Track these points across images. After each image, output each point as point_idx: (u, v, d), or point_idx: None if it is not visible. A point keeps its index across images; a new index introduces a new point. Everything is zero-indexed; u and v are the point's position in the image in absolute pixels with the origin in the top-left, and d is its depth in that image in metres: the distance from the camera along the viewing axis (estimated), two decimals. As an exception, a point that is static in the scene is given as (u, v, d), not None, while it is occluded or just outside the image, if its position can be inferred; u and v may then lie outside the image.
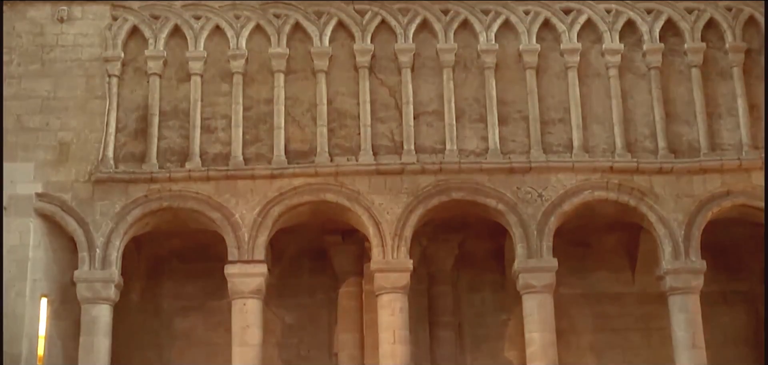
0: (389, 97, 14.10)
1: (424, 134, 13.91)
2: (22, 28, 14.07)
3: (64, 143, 13.58)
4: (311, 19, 14.31)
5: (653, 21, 14.36)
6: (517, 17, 14.38)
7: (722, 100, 14.10)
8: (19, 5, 14.13)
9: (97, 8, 14.30)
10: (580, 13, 14.41)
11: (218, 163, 13.64)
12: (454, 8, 14.36)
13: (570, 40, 14.27)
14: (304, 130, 13.92)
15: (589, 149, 13.80)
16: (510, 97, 14.11)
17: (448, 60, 14.15)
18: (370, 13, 14.35)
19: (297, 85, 14.09)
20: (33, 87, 13.80)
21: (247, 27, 14.28)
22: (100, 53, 14.07)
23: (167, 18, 14.29)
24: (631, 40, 14.34)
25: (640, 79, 14.21)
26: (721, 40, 14.31)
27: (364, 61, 14.14)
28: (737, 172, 13.60)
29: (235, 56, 14.10)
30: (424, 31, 14.35)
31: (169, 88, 14.09)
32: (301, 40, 14.32)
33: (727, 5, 14.45)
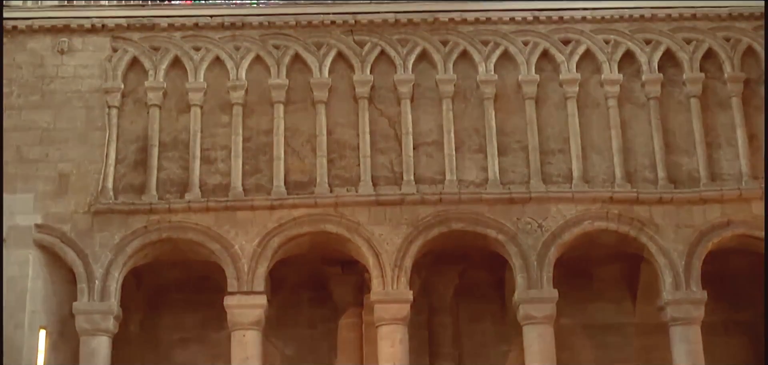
0: (389, 127, 14.11)
1: (423, 165, 13.91)
2: (22, 60, 14.10)
3: (63, 174, 13.57)
4: (311, 50, 14.35)
5: (652, 51, 14.40)
6: (516, 48, 14.42)
7: (721, 130, 14.11)
8: (20, 37, 14.18)
9: (98, 40, 14.33)
10: (578, 44, 14.45)
11: (218, 194, 13.62)
12: (454, 39, 14.41)
13: (569, 70, 14.30)
14: (303, 161, 13.92)
15: (588, 179, 13.80)
16: (509, 127, 14.12)
17: (447, 91, 14.18)
18: (370, 44, 14.39)
19: (297, 116, 14.10)
20: (33, 118, 13.81)
21: (247, 58, 14.31)
22: (100, 84, 14.08)
23: (167, 49, 14.33)
24: (630, 70, 14.38)
25: (640, 109, 14.23)
26: (719, 71, 14.35)
27: (363, 92, 14.16)
28: (737, 202, 13.59)
29: (234, 87, 14.12)
30: (423, 62, 14.39)
31: (169, 119, 14.09)
32: (301, 71, 14.35)
33: (726, 35, 14.50)
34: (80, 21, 14.34)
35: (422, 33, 14.46)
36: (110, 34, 14.38)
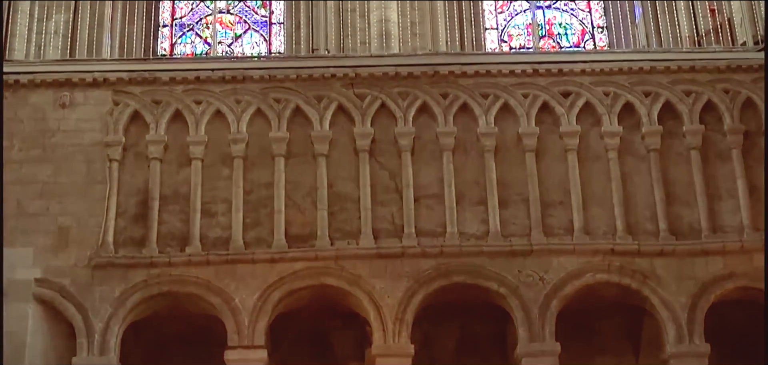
0: (389, 180, 14.10)
1: (424, 217, 13.87)
2: (24, 114, 14.12)
3: (63, 228, 13.52)
4: (311, 103, 14.38)
5: (651, 103, 14.43)
6: (516, 100, 14.45)
7: (722, 181, 14.08)
8: (22, 91, 14.22)
9: (99, 93, 14.36)
10: (578, 96, 14.48)
11: (218, 248, 13.58)
12: (454, 92, 14.45)
13: (569, 122, 14.32)
14: (304, 214, 13.89)
15: (590, 231, 13.76)
16: (510, 179, 14.11)
17: (447, 143, 14.19)
18: (370, 97, 14.43)
19: (297, 169, 14.09)
20: (34, 172, 13.79)
21: (248, 111, 14.34)
22: (102, 138, 14.08)
23: (168, 103, 14.35)
24: (630, 122, 14.39)
25: (640, 161, 14.22)
26: (719, 123, 14.36)
27: (364, 145, 14.18)
28: (739, 254, 13.54)
29: (235, 140, 14.13)
30: (423, 114, 14.41)
31: (170, 172, 14.08)
32: (302, 124, 14.36)
33: (725, 88, 14.52)
34: (82, 75, 14.38)
35: (422, 86, 14.49)
36: (112, 87, 14.41)
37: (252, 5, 19.50)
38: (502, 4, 19.42)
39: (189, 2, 19.55)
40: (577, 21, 19.40)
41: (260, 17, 19.39)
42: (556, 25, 19.28)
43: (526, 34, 19.03)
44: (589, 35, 19.23)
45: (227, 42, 18.98)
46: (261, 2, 19.51)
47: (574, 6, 19.50)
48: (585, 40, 19.19)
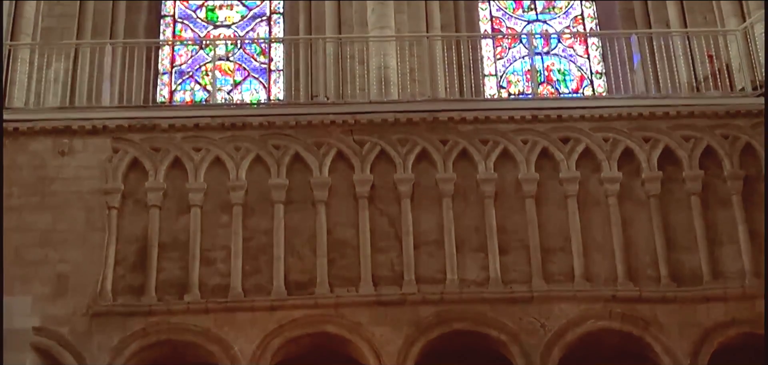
0: (389, 226, 14.06)
1: (424, 264, 13.81)
2: (23, 161, 14.09)
3: (62, 276, 13.44)
4: (311, 150, 14.37)
5: (651, 149, 14.43)
6: (516, 147, 14.45)
7: (723, 227, 14.04)
8: (22, 139, 14.21)
9: (99, 141, 14.35)
10: (578, 142, 14.48)
11: (217, 295, 13.51)
12: (453, 138, 14.45)
13: (569, 168, 14.32)
14: (303, 261, 13.83)
15: (591, 278, 13.71)
16: (510, 225, 14.07)
17: (447, 189, 14.16)
18: (369, 144, 14.43)
19: (297, 216, 14.05)
20: (33, 219, 13.74)
21: (247, 158, 14.32)
22: (101, 185, 14.03)
23: (168, 150, 14.34)
24: (630, 168, 14.38)
25: (640, 207, 14.19)
26: (719, 168, 14.35)
27: (363, 191, 14.15)
28: (741, 300, 13.47)
29: (234, 187, 14.10)
30: (423, 161, 14.40)
31: (169, 219, 14.03)
32: (301, 171, 14.33)
33: (724, 133, 14.52)
34: (81, 122, 14.38)
35: (422, 132, 14.50)
36: (111, 135, 14.40)
37: (251, 52, 19.59)
38: (501, 51, 19.52)
39: (188, 50, 19.63)
40: (576, 67, 19.48)
41: (259, 64, 19.47)
42: (555, 72, 19.37)
43: (524, 81, 19.10)
44: (588, 81, 19.32)
45: (226, 89, 19.04)
46: (260, 49, 19.60)
47: (572, 52, 19.58)
48: (584, 86, 19.27)
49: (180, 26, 20.10)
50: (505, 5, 20.18)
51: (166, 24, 20.09)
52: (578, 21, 20.11)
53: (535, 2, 20.23)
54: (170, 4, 20.33)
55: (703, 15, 18.04)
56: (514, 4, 20.22)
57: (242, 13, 20.21)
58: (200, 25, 20.06)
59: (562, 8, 20.20)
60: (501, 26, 19.95)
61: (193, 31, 19.99)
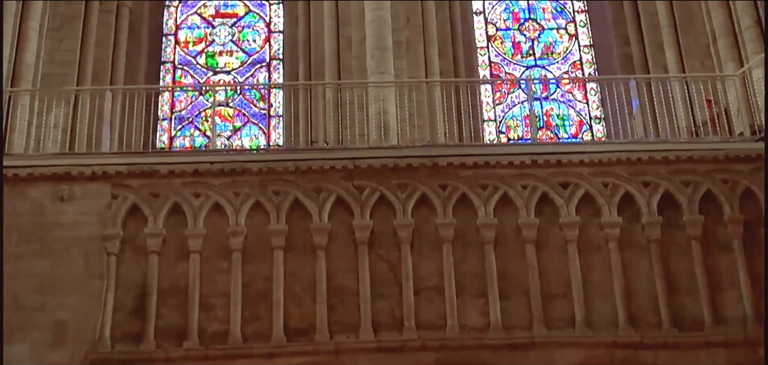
0: (389, 272, 14.01)
1: (424, 310, 13.75)
2: (22, 208, 14.06)
3: (61, 323, 13.37)
4: (310, 195, 14.36)
5: (650, 194, 14.41)
6: (515, 191, 14.44)
7: (724, 272, 13.99)
8: (21, 185, 14.18)
9: (98, 187, 14.33)
10: (577, 187, 14.47)
11: (216, 342, 13.42)
12: (453, 184, 14.44)
13: (569, 213, 14.30)
14: (303, 307, 13.76)
15: (591, 324, 13.64)
16: (510, 271, 14.02)
17: (447, 235, 14.13)
18: (369, 189, 14.41)
19: (296, 262, 14.00)
20: (31, 266, 13.68)
21: (247, 204, 14.29)
22: (100, 231, 14.00)
23: (167, 196, 14.32)
24: (630, 213, 14.36)
25: (641, 252, 14.15)
26: (719, 213, 14.32)
27: (363, 237, 14.11)
28: (742, 346, 13.39)
29: (234, 233, 14.07)
30: (423, 206, 14.37)
31: (168, 266, 13.98)
32: (301, 217, 14.30)
33: (724, 178, 14.51)
34: (81, 168, 14.36)
35: (421, 177, 14.49)
36: (111, 181, 14.38)
37: (251, 98, 19.65)
38: (500, 96, 19.59)
39: (188, 96, 19.69)
40: (575, 112, 19.53)
41: (259, 110, 19.54)
42: (554, 117, 19.42)
43: (524, 126, 19.15)
44: (587, 126, 19.37)
45: (226, 135, 19.07)
46: (260, 95, 19.66)
47: (571, 98, 19.65)
48: (583, 131, 19.32)
49: (180, 72, 20.21)
50: (503, 51, 20.26)
51: (166, 70, 20.20)
52: (577, 66, 20.22)
53: (533, 48, 20.32)
54: (170, 50, 20.42)
55: (700, 60, 18.14)
56: (513, 50, 20.31)
57: (242, 59, 20.32)
58: (200, 71, 20.16)
59: (560, 54, 20.28)
60: (500, 72, 20.05)
61: (193, 77, 20.09)
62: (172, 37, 20.60)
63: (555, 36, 20.54)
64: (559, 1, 20.99)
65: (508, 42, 20.44)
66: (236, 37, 20.54)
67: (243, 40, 20.54)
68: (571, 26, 20.67)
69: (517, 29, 20.60)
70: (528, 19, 20.70)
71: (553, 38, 20.52)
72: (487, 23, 20.60)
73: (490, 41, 20.36)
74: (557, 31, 20.62)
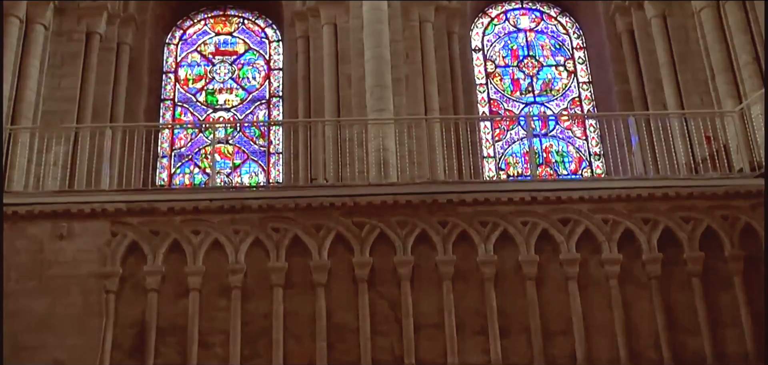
0: (389, 309, 13.96)
1: (424, 347, 13.68)
2: (21, 246, 14.03)
3: (59, 362, 13.30)
4: (310, 232, 14.33)
5: (650, 231, 14.40)
6: (515, 228, 14.42)
7: (725, 308, 13.95)
8: (20, 223, 14.16)
9: (97, 224, 14.31)
10: (577, 224, 14.46)
11: (215, 380, 13.40)
12: (453, 220, 14.42)
13: (569, 250, 14.27)
14: (303, 345, 13.70)
15: (593, 361, 13.58)
16: (510, 308, 13.98)
17: (447, 272, 14.10)
18: (369, 226, 14.39)
19: (296, 300, 13.96)
20: (30, 304, 13.63)
21: (246, 241, 14.28)
22: (99, 269, 13.97)
23: (167, 233, 14.29)
24: (630, 249, 14.34)
25: (641, 289, 14.12)
26: (719, 249, 14.30)
27: (363, 274, 14.08)
28: (744, 383, 13.40)
29: (233, 271, 14.03)
30: (422, 243, 14.35)
31: (167, 303, 13.93)
32: (300, 254, 14.27)
33: (724, 214, 14.51)
34: (80, 206, 14.35)
35: (421, 214, 14.47)
36: (110, 218, 14.36)
37: (251, 135, 19.67)
38: (500, 133, 19.61)
39: (188, 133, 19.71)
40: (574, 149, 19.54)
41: (259, 147, 19.55)
42: (554, 153, 19.43)
43: (523, 162, 19.15)
44: (586, 163, 19.36)
45: (226, 172, 19.07)
46: (259, 132, 19.68)
47: (570, 134, 19.67)
48: (582, 167, 19.32)
49: (180, 109, 20.23)
50: (503, 88, 20.32)
51: (166, 107, 20.23)
52: (576, 103, 20.25)
53: (532, 85, 20.38)
54: (170, 87, 20.47)
55: (699, 96, 18.18)
56: (512, 87, 20.37)
57: (242, 97, 20.36)
58: (200, 109, 20.19)
59: (559, 91, 20.34)
60: (499, 108, 20.08)
61: (192, 114, 20.12)
62: (172, 75, 20.66)
63: (554, 73, 20.61)
64: (557, 39, 21.06)
65: (507, 79, 20.49)
66: (236, 74, 20.60)
67: (243, 78, 20.60)
68: (570, 63, 20.73)
69: (516, 66, 20.66)
70: (527, 57, 20.77)
71: (552, 75, 20.58)
72: (486, 60, 20.67)
73: (489, 78, 20.42)
74: (556, 68, 20.68)
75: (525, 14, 21.44)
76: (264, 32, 21.21)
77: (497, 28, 21.21)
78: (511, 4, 21.53)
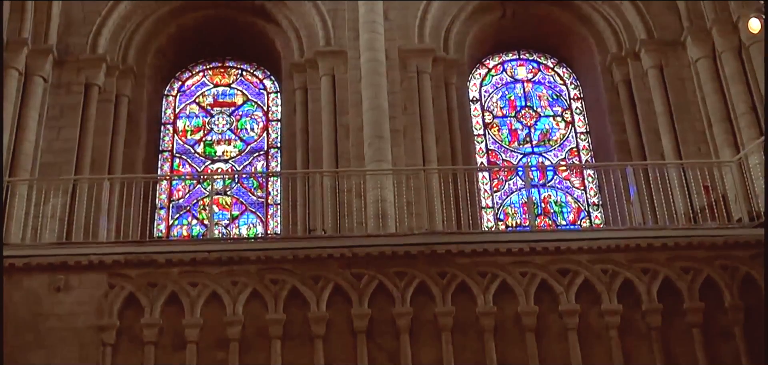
0: (388, 362, 13.89)
1: (424, 400, 13.63)
2: (18, 298, 13.95)
3: (56, 415, 13.23)
4: (308, 284, 14.28)
5: (650, 281, 14.36)
6: (514, 279, 14.38)
7: (726, 359, 13.90)
8: (17, 275, 14.10)
9: (95, 277, 14.25)
10: (576, 275, 14.42)
11: (213, 434, 13.28)
12: (451, 271, 14.38)
13: (568, 301, 14.23)
14: (301, 397, 13.65)
15: (594, 413, 13.52)
16: (510, 359, 13.91)
17: (446, 323, 14.04)
18: (367, 277, 14.34)
19: (294, 352, 13.88)
20: (27, 358, 13.52)
21: (244, 293, 14.22)
22: (96, 322, 13.90)
23: (164, 285, 14.24)
24: (630, 300, 14.30)
25: (641, 340, 14.05)
26: (719, 299, 14.27)
27: (361, 326, 14.01)
28: (745, 435, 13.28)
29: (231, 323, 13.96)
30: (421, 294, 14.30)
31: (164, 356, 13.84)
32: (299, 306, 14.21)
33: (723, 264, 14.49)
34: (78, 258, 14.30)
35: (420, 265, 14.43)
36: (107, 270, 14.31)
37: (249, 186, 19.64)
38: (498, 183, 19.60)
39: (186, 184, 19.69)
40: (573, 199, 19.53)
41: (257, 198, 19.50)
42: (552, 204, 19.41)
43: (522, 213, 19.13)
44: (585, 213, 19.34)
45: (224, 223, 19.01)
46: (258, 183, 19.65)
47: (568, 184, 19.67)
48: (581, 217, 19.28)
49: (178, 161, 20.22)
50: (500, 138, 20.35)
51: (165, 159, 20.21)
52: (574, 153, 20.26)
53: (530, 135, 20.41)
54: (169, 139, 20.49)
55: (697, 146, 18.21)
56: (510, 137, 20.40)
57: (240, 148, 20.36)
58: (198, 160, 20.18)
59: (557, 141, 20.37)
60: (497, 159, 20.08)
61: (191, 165, 20.10)
62: (170, 126, 20.67)
63: (551, 123, 20.63)
64: (554, 89, 21.13)
65: (505, 129, 20.51)
66: (234, 125, 20.62)
67: (241, 129, 20.61)
68: (568, 113, 20.78)
69: (514, 116, 20.70)
70: (524, 107, 20.81)
71: (550, 125, 20.60)
72: (483, 111, 20.71)
73: (487, 129, 20.44)
74: (554, 118, 20.71)
75: (522, 65, 21.52)
76: (262, 84, 21.27)
77: (495, 78, 21.27)
78: (509, 56, 21.60)
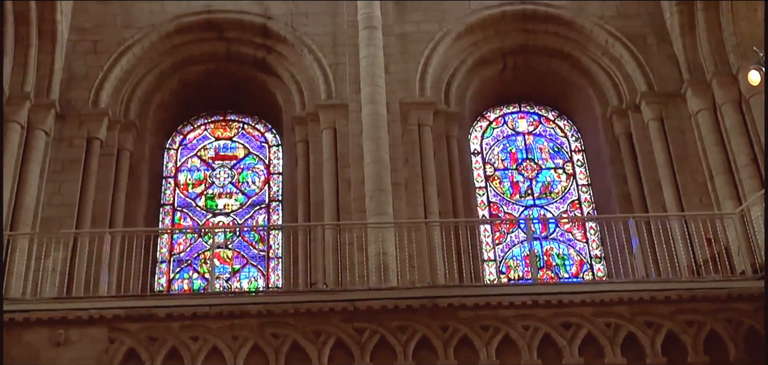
0: (390, 416, 13.82)
1: None
2: (18, 353, 13.88)
3: None
4: (310, 338, 14.21)
5: (654, 334, 14.29)
6: (517, 333, 14.31)
7: (732, 413, 13.83)
8: (17, 330, 14.03)
9: (95, 331, 14.19)
10: (579, 328, 14.36)
11: None
12: (453, 325, 14.32)
13: (572, 354, 14.16)
14: None
15: None
16: (514, 416, 13.84)
17: (449, 377, 13.97)
18: (369, 331, 14.28)
19: (296, 407, 13.83)
20: (24, 415, 13.48)
21: (245, 347, 14.15)
22: (96, 377, 13.85)
23: (165, 340, 14.17)
24: (633, 353, 14.23)
25: (646, 394, 13.99)
26: (724, 353, 14.20)
27: (363, 381, 13.95)
28: None
29: (232, 377, 13.90)
30: (423, 348, 14.23)
31: (164, 411, 13.79)
32: (300, 360, 14.16)
33: (727, 317, 14.42)
34: (78, 312, 14.25)
35: (422, 319, 14.37)
36: (108, 325, 14.25)
37: (250, 240, 19.61)
38: (500, 236, 19.56)
39: (187, 238, 19.66)
40: (575, 252, 19.48)
41: (258, 252, 19.45)
42: (554, 256, 19.35)
43: (524, 266, 19.07)
44: (588, 266, 19.27)
45: (225, 277, 18.95)
46: (259, 237, 19.62)
47: (571, 237, 19.63)
48: (583, 270, 19.21)
49: (179, 214, 20.20)
50: (502, 191, 20.35)
51: (166, 212, 20.20)
52: (575, 206, 20.25)
53: (532, 188, 20.41)
54: (170, 192, 20.49)
55: (698, 197, 18.19)
56: (512, 190, 20.40)
57: (241, 201, 20.36)
58: (199, 214, 20.16)
59: (559, 193, 20.37)
60: (499, 211, 20.06)
61: (192, 219, 20.08)
62: (171, 180, 20.69)
63: (553, 175, 20.64)
64: (555, 141, 21.17)
65: (507, 182, 20.52)
66: (236, 179, 20.64)
67: (242, 182, 20.62)
68: (569, 166, 20.80)
69: (515, 169, 20.71)
70: (526, 159, 20.84)
71: (551, 178, 20.61)
72: (485, 163, 20.73)
73: (488, 181, 20.45)
74: (555, 170, 20.72)
75: (523, 118, 21.58)
76: (264, 137, 21.32)
77: (496, 131, 21.33)
78: (509, 108, 21.67)
